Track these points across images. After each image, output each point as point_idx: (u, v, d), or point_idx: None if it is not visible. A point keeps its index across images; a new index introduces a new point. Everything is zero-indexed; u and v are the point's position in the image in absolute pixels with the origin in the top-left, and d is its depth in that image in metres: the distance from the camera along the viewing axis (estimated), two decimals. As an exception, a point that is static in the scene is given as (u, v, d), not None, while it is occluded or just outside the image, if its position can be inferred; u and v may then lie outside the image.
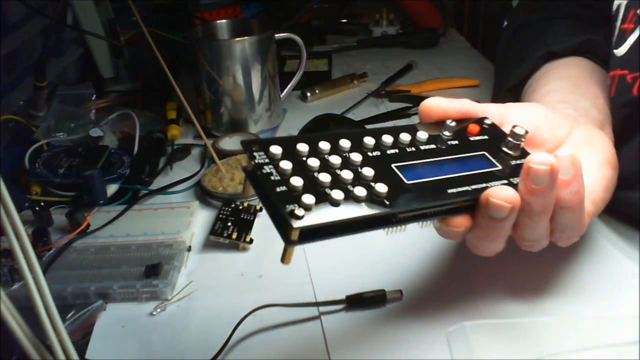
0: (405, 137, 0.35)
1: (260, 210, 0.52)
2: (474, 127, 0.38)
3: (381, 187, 0.30)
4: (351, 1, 1.21)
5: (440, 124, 0.37)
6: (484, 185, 0.34)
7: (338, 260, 0.47)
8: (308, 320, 0.41)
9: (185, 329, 0.41)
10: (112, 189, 0.56)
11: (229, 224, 0.50)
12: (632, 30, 0.45)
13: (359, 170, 0.31)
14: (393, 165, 0.33)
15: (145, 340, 0.41)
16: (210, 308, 0.43)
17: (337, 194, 0.29)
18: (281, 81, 0.73)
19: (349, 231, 0.30)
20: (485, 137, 0.38)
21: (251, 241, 0.49)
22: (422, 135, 0.36)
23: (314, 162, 0.30)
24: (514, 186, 0.34)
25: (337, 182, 0.30)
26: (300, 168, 0.30)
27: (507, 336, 0.38)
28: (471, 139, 0.37)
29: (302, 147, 0.31)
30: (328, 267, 0.46)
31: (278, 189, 0.29)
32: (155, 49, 0.60)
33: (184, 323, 0.42)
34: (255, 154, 0.30)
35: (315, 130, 0.62)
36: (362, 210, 0.30)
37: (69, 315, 0.42)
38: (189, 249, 0.49)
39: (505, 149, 0.37)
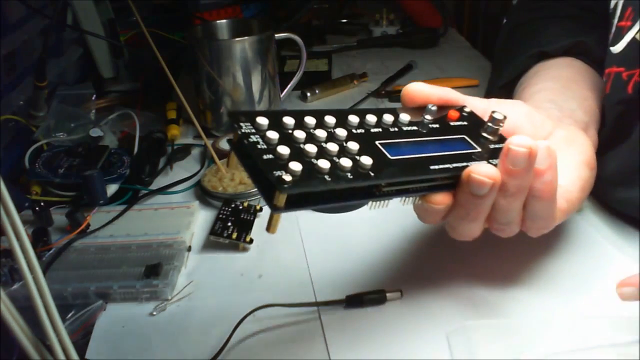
0: (388, 117, 0.36)
1: (260, 210, 0.52)
2: (453, 114, 0.39)
3: (366, 160, 0.31)
4: (351, 1, 1.21)
5: (421, 109, 0.38)
6: (464, 164, 0.35)
7: (338, 260, 0.47)
8: (308, 320, 0.41)
9: (185, 329, 0.41)
10: (112, 189, 0.56)
11: (229, 224, 0.50)
12: (629, 28, 0.45)
13: (344, 144, 0.32)
14: (377, 142, 0.34)
15: (145, 340, 0.41)
16: (210, 308, 0.43)
17: (323, 163, 0.30)
18: (281, 81, 0.73)
19: (333, 200, 0.31)
20: (465, 123, 0.39)
21: (251, 241, 0.49)
22: (405, 117, 0.36)
23: (300, 135, 0.31)
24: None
25: (323, 153, 0.31)
26: (287, 139, 0.31)
27: (507, 336, 0.38)
28: (451, 123, 0.38)
29: (288, 120, 0.32)
30: (328, 267, 0.46)
31: (265, 157, 0.29)
32: (155, 49, 0.60)
33: (184, 323, 0.42)
34: (242, 124, 0.31)
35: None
36: (348, 180, 0.30)
37: (69, 315, 0.42)
38: (189, 249, 0.49)
39: (484, 134, 0.38)
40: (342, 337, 0.39)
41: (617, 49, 0.46)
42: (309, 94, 0.80)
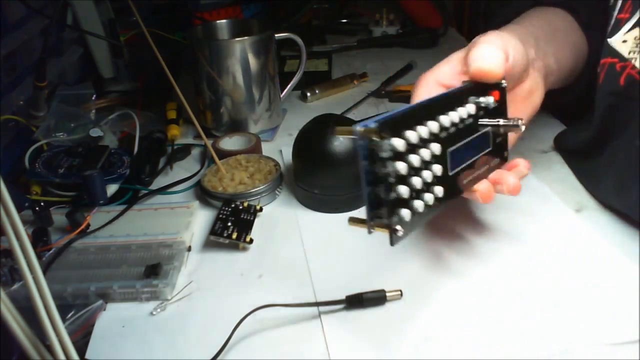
0: (470, 109, 0.39)
1: (261, 210, 0.52)
2: (495, 94, 0.42)
3: (438, 190, 0.36)
4: (351, 1, 1.21)
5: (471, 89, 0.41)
6: (485, 167, 0.41)
7: (338, 260, 0.47)
8: (308, 320, 0.41)
9: (185, 329, 0.41)
10: (112, 189, 0.57)
11: (229, 224, 0.50)
12: (627, 20, 0.45)
13: (431, 168, 0.35)
14: (448, 151, 0.37)
15: (145, 340, 0.41)
16: (210, 308, 0.43)
17: (418, 205, 0.34)
18: (281, 81, 0.73)
19: None
20: (497, 104, 0.42)
21: (251, 241, 0.49)
22: (473, 106, 0.40)
23: (414, 160, 0.33)
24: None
25: (419, 192, 0.35)
26: (406, 170, 0.33)
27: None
28: (488, 109, 0.41)
29: (412, 136, 0.34)
30: (328, 267, 0.46)
31: (392, 196, 0.32)
32: (155, 49, 0.60)
33: (184, 323, 0.42)
34: (383, 142, 0.32)
35: (315, 130, 0.61)
36: (424, 215, 0.35)
37: (69, 315, 0.42)
38: (189, 249, 0.49)
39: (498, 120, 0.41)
40: (342, 337, 0.39)
41: (614, 40, 0.47)
42: (309, 94, 0.80)
